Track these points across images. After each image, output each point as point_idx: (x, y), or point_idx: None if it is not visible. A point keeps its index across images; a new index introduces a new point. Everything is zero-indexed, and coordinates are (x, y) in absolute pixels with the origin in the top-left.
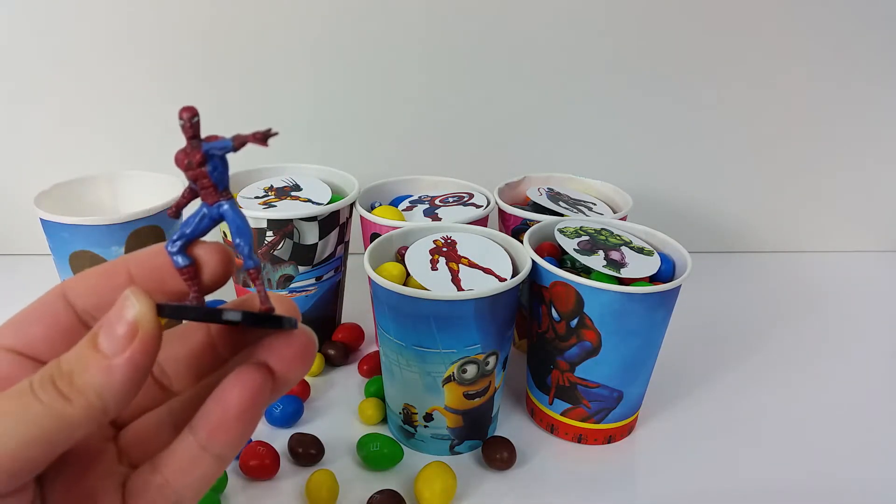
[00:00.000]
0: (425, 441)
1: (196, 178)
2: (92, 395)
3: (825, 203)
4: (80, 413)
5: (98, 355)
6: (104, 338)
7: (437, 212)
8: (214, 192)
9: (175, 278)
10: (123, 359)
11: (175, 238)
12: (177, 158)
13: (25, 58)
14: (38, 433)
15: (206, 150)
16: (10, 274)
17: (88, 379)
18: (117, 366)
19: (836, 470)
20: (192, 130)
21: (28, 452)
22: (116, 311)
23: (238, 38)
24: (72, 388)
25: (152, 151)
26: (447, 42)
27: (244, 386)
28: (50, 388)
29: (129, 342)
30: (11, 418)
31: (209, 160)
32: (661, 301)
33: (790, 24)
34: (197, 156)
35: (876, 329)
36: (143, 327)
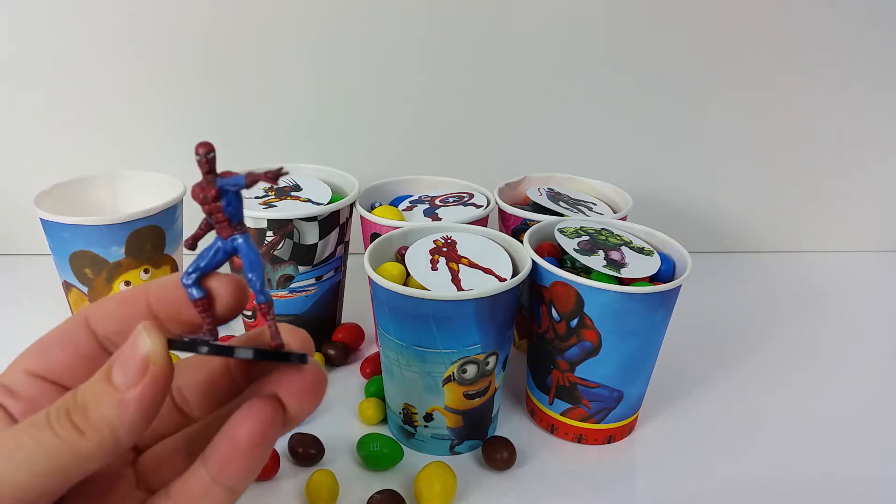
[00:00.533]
0: (425, 441)
1: (211, 212)
2: (105, 430)
3: (825, 203)
4: (93, 447)
5: (111, 389)
6: (117, 372)
7: (437, 212)
8: (229, 226)
9: (184, 311)
10: (135, 394)
11: (190, 271)
12: (193, 192)
13: (26, 58)
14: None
15: (220, 185)
16: (10, 274)
17: (102, 413)
18: (129, 400)
19: (837, 470)
20: (207, 166)
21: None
22: (129, 345)
23: (238, 39)
24: (86, 422)
25: (152, 151)
26: (447, 42)
27: (254, 420)
28: (65, 420)
29: (140, 377)
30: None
31: (224, 195)
32: (661, 301)
33: (790, 25)
34: (212, 191)
35: (876, 329)
36: (153, 362)
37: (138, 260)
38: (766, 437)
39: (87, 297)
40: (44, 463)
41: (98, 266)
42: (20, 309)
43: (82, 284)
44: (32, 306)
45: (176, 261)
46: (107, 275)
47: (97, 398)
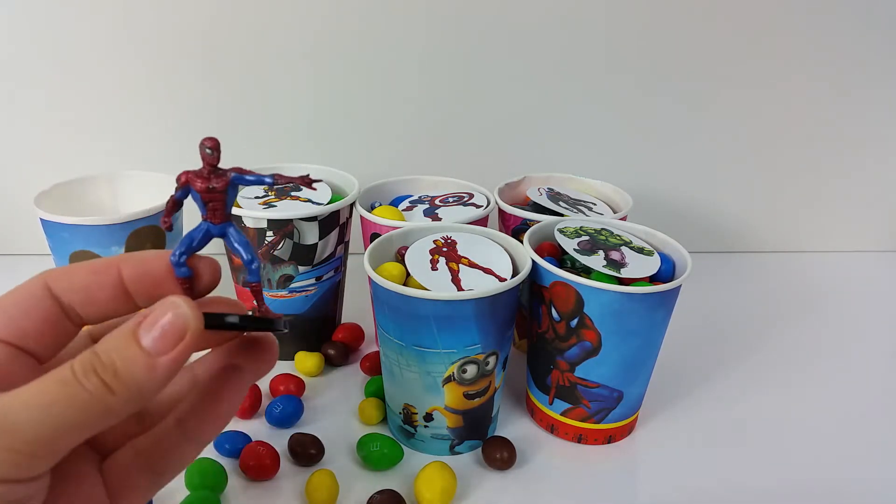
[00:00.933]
0: (425, 441)
1: (212, 200)
2: (134, 389)
3: (825, 203)
4: (120, 404)
5: (142, 353)
6: (148, 336)
7: (437, 212)
8: (223, 214)
9: (163, 286)
10: (168, 358)
11: (181, 251)
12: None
13: (26, 58)
14: (82, 419)
15: (234, 180)
16: (10, 274)
17: (133, 374)
18: (161, 364)
19: (837, 470)
20: (216, 159)
21: (70, 435)
22: (163, 312)
23: (238, 39)
24: (116, 381)
25: (152, 151)
26: (447, 42)
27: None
28: (94, 378)
29: (175, 344)
30: (60, 404)
31: (230, 188)
32: (661, 301)
33: (790, 26)
34: (221, 182)
35: (876, 329)
36: (191, 332)
37: None
38: (766, 437)
39: None
40: (73, 416)
41: None
42: None
43: None
44: None
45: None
46: None
47: (128, 360)
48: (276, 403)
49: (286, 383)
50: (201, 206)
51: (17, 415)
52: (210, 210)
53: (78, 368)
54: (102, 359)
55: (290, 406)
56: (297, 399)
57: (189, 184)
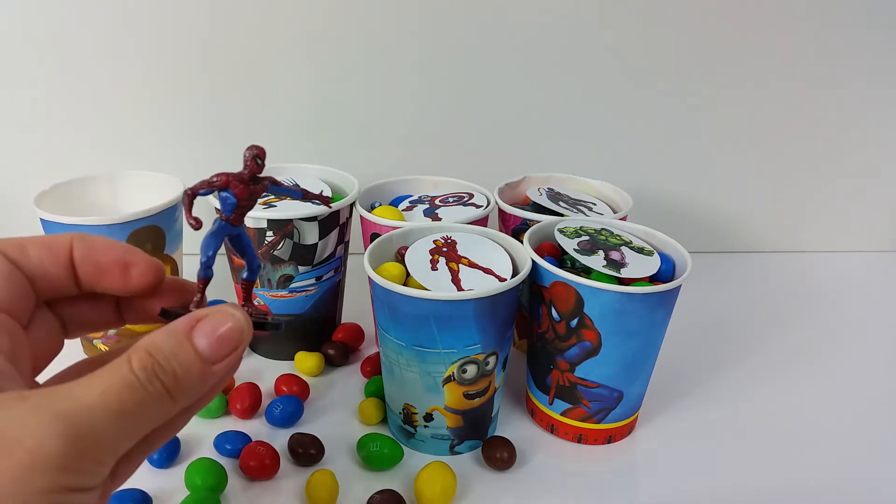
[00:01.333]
0: (425, 441)
1: (246, 206)
2: (190, 394)
3: (825, 203)
4: (175, 409)
5: (199, 360)
6: (205, 341)
7: (437, 212)
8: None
9: (107, 275)
10: (222, 367)
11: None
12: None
13: (26, 58)
14: (145, 423)
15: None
16: None
17: (191, 381)
18: (215, 372)
19: (837, 470)
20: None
21: (132, 441)
22: (222, 320)
23: (238, 38)
24: (177, 388)
25: (152, 151)
26: (447, 42)
27: None
28: (157, 383)
29: (230, 352)
30: (132, 411)
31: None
32: (661, 301)
33: (790, 25)
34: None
35: (876, 329)
36: (244, 343)
37: None
38: (766, 437)
39: None
40: (141, 421)
41: None
42: None
43: None
44: None
45: (176, 261)
46: None
47: (186, 367)
48: (276, 403)
49: (286, 383)
50: (229, 208)
51: (99, 422)
52: (237, 213)
53: (141, 373)
54: (164, 365)
55: (290, 406)
56: (297, 399)
57: (229, 186)
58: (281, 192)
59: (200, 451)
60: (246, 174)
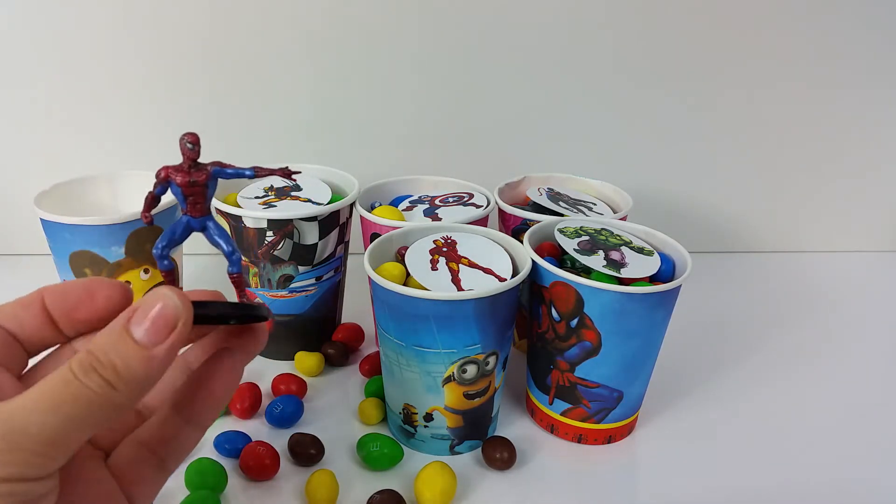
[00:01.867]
0: (425, 441)
1: (193, 193)
2: (135, 383)
3: (825, 203)
4: (124, 398)
5: (137, 347)
6: (140, 329)
7: (437, 212)
8: (203, 207)
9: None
10: (163, 349)
11: (163, 244)
12: (170, 174)
13: (26, 58)
14: (89, 416)
15: (215, 173)
16: (10, 274)
17: (133, 370)
18: (156, 356)
19: (837, 470)
20: (197, 154)
21: (78, 433)
22: (152, 303)
23: (238, 39)
24: (118, 378)
25: (152, 151)
26: (447, 42)
27: (227, 376)
28: (96, 377)
29: (168, 334)
30: (68, 404)
31: (210, 181)
32: (661, 301)
33: (790, 25)
34: (202, 176)
35: (876, 329)
36: (182, 321)
37: (138, 260)
38: (766, 437)
39: None
40: (80, 414)
41: (98, 266)
42: None
43: None
44: None
45: (176, 261)
46: (107, 275)
47: (125, 357)
48: (276, 403)
49: (286, 383)
50: (181, 200)
51: (26, 417)
52: (190, 204)
53: (77, 369)
54: (101, 358)
55: (290, 406)
56: (297, 399)
57: (169, 179)
58: (230, 174)
59: (200, 451)
60: (185, 164)
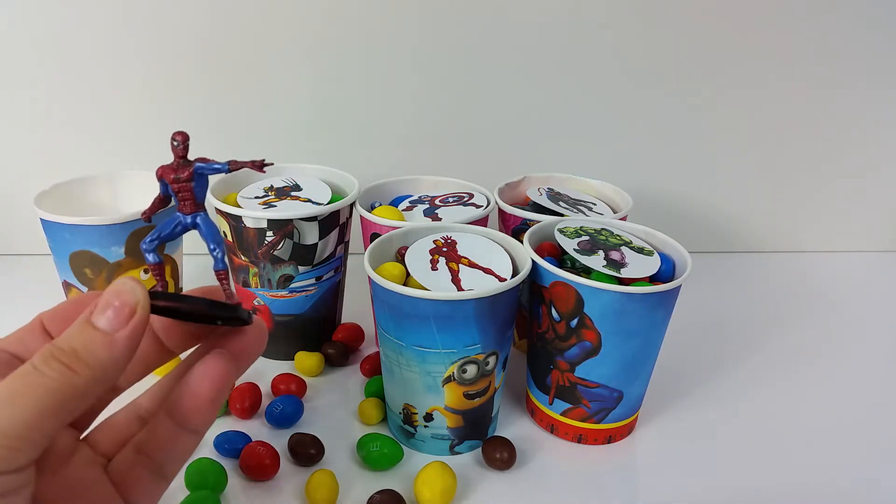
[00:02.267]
0: (425, 441)
1: (180, 190)
2: (97, 367)
3: (825, 203)
4: (86, 382)
5: (99, 333)
6: (103, 318)
7: (437, 212)
8: (193, 204)
9: None
10: (125, 333)
11: (152, 238)
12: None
13: (25, 58)
14: (51, 403)
15: (198, 169)
16: (10, 274)
17: (94, 352)
18: (119, 339)
19: (837, 470)
20: (184, 151)
21: (43, 422)
22: (115, 295)
23: (237, 38)
24: (77, 362)
25: (152, 151)
26: (447, 42)
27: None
28: (54, 363)
29: (128, 320)
30: (26, 395)
31: (195, 177)
32: (661, 301)
33: (790, 25)
34: (186, 172)
35: (876, 329)
36: (141, 306)
37: (138, 260)
38: (766, 437)
39: None
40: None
41: (98, 266)
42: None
43: (82, 284)
44: (32, 306)
45: (176, 261)
46: (107, 275)
47: (86, 341)
48: (276, 403)
49: (286, 383)
50: (174, 198)
51: None
52: (181, 200)
53: (37, 359)
54: (62, 346)
55: (290, 406)
56: (297, 399)
57: (163, 176)
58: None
59: (200, 451)
60: (174, 162)
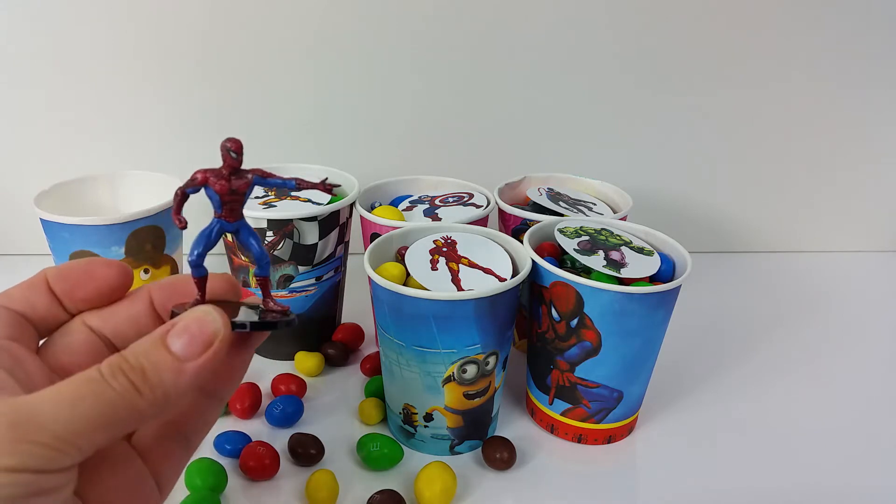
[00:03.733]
0: (425, 441)
1: (231, 200)
2: (160, 392)
3: (825, 203)
4: (147, 406)
5: (171, 357)
6: (178, 342)
7: (437, 212)
8: (239, 213)
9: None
10: (196, 365)
11: (199, 252)
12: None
13: (25, 58)
14: (109, 418)
15: (255, 181)
16: (10, 274)
17: (161, 377)
18: (188, 369)
19: (837, 470)
20: (240, 162)
21: (96, 434)
22: (195, 321)
23: (238, 38)
24: (144, 383)
25: (152, 151)
26: (447, 42)
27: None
28: (122, 378)
29: (203, 351)
30: (87, 401)
31: (250, 189)
32: (661, 301)
33: (790, 25)
34: (243, 184)
35: (876, 329)
36: (219, 340)
37: (138, 260)
38: (766, 438)
39: None
40: (102, 414)
41: None
42: None
43: None
44: None
45: (176, 261)
46: None
47: (156, 363)
48: (276, 403)
49: (286, 383)
50: (217, 205)
51: (44, 409)
52: (227, 209)
53: (105, 369)
54: (131, 361)
55: (290, 406)
56: (298, 399)
57: (207, 184)
58: (272, 184)
59: (200, 451)
60: (224, 170)
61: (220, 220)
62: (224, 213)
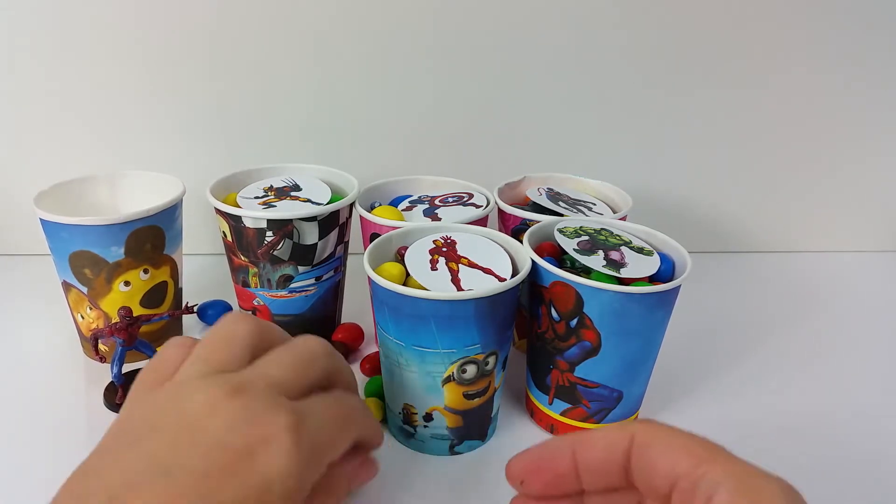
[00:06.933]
0: (425, 441)
1: None
2: None
3: (825, 203)
4: None
5: (345, 475)
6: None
7: (437, 212)
8: None
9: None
10: None
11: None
12: (104, 333)
13: (25, 58)
14: None
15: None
16: (10, 274)
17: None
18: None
19: (837, 470)
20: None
21: None
22: (366, 473)
23: (238, 38)
24: None
25: (152, 151)
26: (447, 42)
27: None
28: None
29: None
30: None
31: None
32: (660, 301)
33: (789, 25)
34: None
35: (876, 329)
36: None
37: (138, 260)
38: (766, 437)
39: (86, 297)
40: None
41: (97, 266)
42: (20, 309)
43: (82, 284)
44: (32, 306)
45: (175, 261)
46: (106, 275)
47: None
48: None
49: None
50: None
51: None
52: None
53: None
54: None
55: None
56: None
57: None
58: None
59: None
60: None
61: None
62: None
